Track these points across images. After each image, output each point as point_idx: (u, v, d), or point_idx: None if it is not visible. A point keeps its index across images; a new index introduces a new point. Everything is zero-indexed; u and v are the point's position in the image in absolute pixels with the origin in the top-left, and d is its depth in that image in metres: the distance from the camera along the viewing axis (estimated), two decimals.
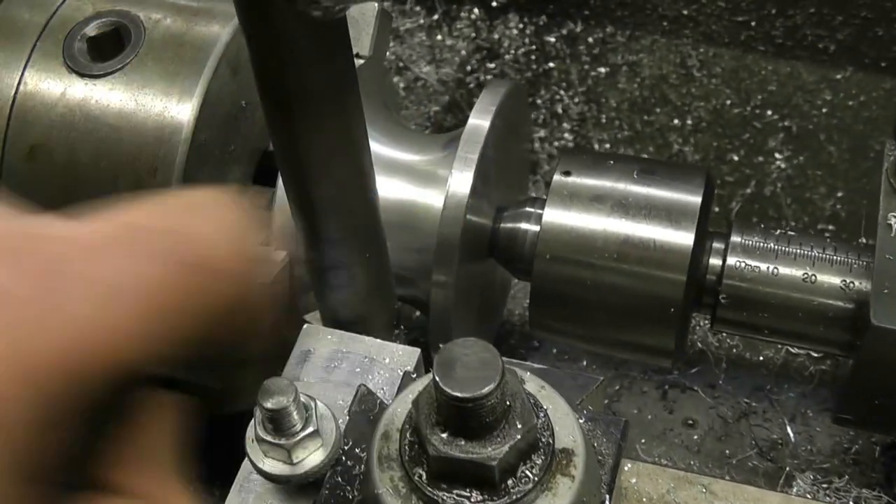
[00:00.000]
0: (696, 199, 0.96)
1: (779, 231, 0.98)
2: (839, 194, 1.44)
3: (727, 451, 1.18)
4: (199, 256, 0.47)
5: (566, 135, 1.52)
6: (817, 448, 1.17)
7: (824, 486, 1.08)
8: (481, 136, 0.95)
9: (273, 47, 0.68)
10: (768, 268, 0.95)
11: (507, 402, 0.68)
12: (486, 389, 0.66)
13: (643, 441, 1.18)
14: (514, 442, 0.68)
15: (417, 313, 1.21)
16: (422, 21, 1.63)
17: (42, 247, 0.44)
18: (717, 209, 1.37)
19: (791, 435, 1.17)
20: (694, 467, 1.16)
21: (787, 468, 1.13)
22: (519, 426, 0.69)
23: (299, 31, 0.67)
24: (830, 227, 1.41)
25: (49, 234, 0.45)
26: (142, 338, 0.45)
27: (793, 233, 0.98)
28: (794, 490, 1.08)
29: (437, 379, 0.66)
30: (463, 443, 0.68)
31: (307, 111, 0.71)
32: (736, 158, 1.48)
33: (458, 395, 0.65)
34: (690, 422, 1.21)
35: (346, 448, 0.79)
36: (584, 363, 1.24)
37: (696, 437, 1.19)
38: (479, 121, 0.97)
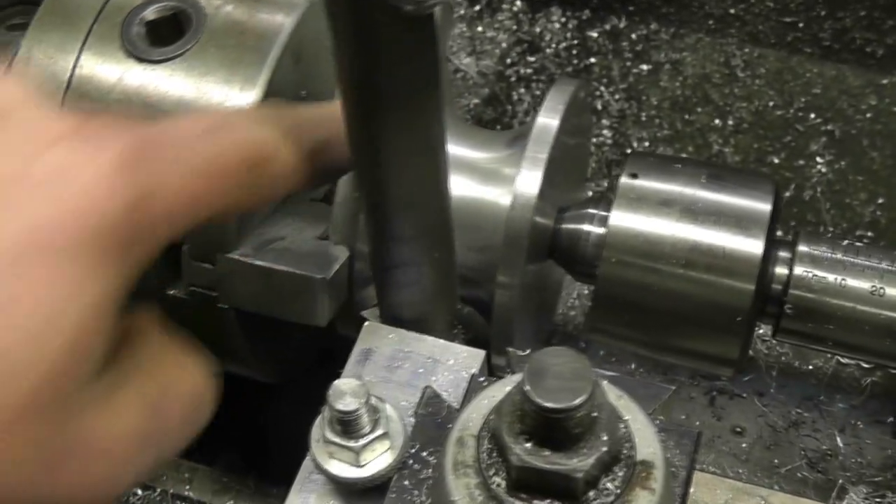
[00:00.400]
0: (766, 207, 0.94)
1: (846, 241, 0.96)
2: (880, 201, 1.42)
3: (776, 461, 1.16)
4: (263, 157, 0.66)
5: (605, 132, 1.50)
6: (868, 461, 1.15)
7: (877, 499, 1.07)
8: (551, 136, 0.93)
9: (362, 43, 0.66)
10: (835, 279, 0.94)
11: (595, 414, 0.67)
12: (577, 401, 0.64)
13: None
14: (600, 454, 0.67)
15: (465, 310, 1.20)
16: (463, 12, 1.61)
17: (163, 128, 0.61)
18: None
19: (841, 446, 1.16)
20: (742, 476, 1.15)
21: (840, 480, 1.11)
22: (604, 438, 0.67)
23: (390, 27, 0.65)
24: (869, 234, 1.39)
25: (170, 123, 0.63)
26: (214, 197, 0.62)
27: (860, 244, 0.96)
28: (846, 503, 1.06)
29: (528, 388, 0.64)
30: (547, 453, 0.66)
31: (393, 109, 0.70)
32: (776, 161, 1.47)
33: (550, 405, 0.64)
34: (738, 429, 1.19)
35: (413, 451, 0.78)
36: (632, 366, 1.23)
37: (744, 445, 1.18)
38: (549, 120, 0.95)
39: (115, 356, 0.57)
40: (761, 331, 1.18)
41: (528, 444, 0.67)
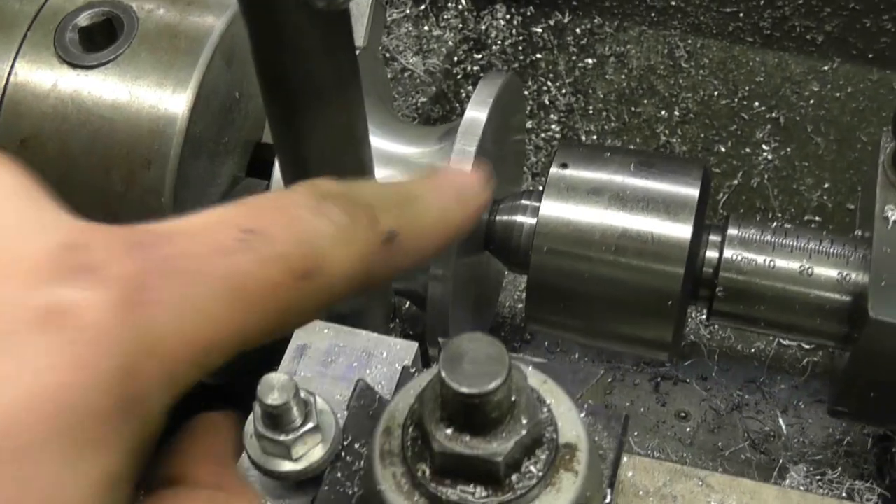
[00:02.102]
0: (693, 192, 0.95)
1: (775, 223, 0.98)
2: (826, 185, 1.44)
3: (720, 444, 1.18)
4: (309, 263, 0.51)
5: (553, 126, 1.52)
6: (810, 440, 1.17)
7: (817, 477, 1.08)
8: (479, 129, 0.94)
9: (276, 40, 0.67)
10: (765, 260, 0.95)
11: (513, 398, 0.68)
12: (493, 385, 0.65)
13: (636, 433, 1.18)
14: (520, 437, 0.67)
15: (406, 305, 1.21)
16: (408, 11, 1.62)
17: (175, 242, 0.47)
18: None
19: (783, 427, 1.17)
20: (687, 460, 1.16)
21: (781, 460, 1.13)
22: (524, 421, 0.68)
23: (304, 24, 0.66)
24: (817, 219, 1.41)
25: (176, 230, 0.48)
26: (241, 331, 0.48)
27: (789, 225, 0.98)
28: (788, 482, 1.08)
29: (444, 374, 0.65)
30: (468, 438, 0.67)
31: (310, 105, 0.71)
32: (723, 149, 1.48)
33: (465, 390, 0.65)
34: (683, 414, 1.21)
35: (345, 443, 0.79)
36: (577, 355, 1.24)
37: (688, 429, 1.19)
38: (477, 113, 0.96)
39: None
40: (703, 316, 1.19)
41: (449, 431, 0.67)
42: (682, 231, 0.94)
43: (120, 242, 0.45)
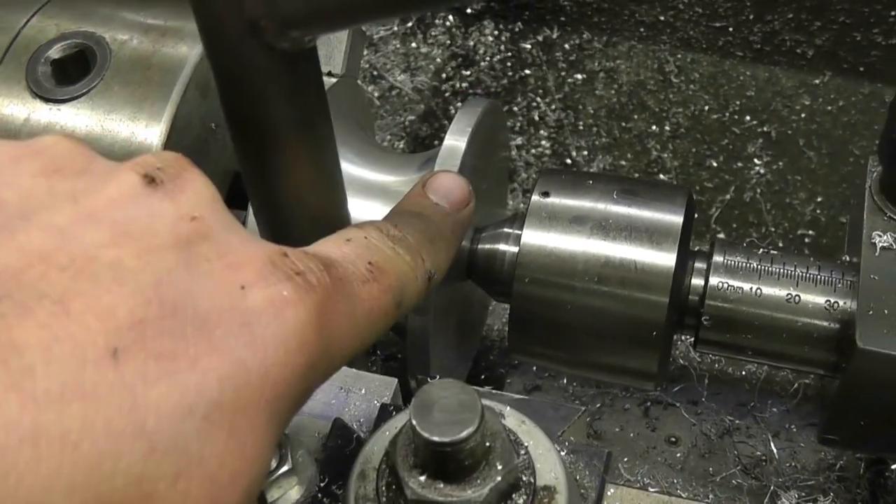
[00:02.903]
0: (677, 220, 0.94)
1: (761, 250, 0.96)
2: (819, 199, 1.43)
3: (711, 469, 1.16)
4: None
5: (543, 142, 1.50)
6: (801, 465, 1.15)
7: (810, 503, 1.06)
8: (457, 158, 0.93)
9: (241, 82, 0.65)
10: (751, 288, 0.94)
11: (487, 444, 0.67)
12: (464, 433, 0.64)
13: (626, 460, 1.17)
14: (495, 483, 0.66)
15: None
16: (396, 28, 1.61)
17: (338, 267, 0.56)
18: (696, 215, 1.36)
19: (775, 451, 1.16)
20: (678, 486, 1.14)
21: (772, 486, 1.11)
22: (499, 467, 0.67)
23: (268, 65, 0.64)
24: (810, 233, 1.40)
25: (330, 257, 0.57)
26: (362, 346, 0.59)
27: (775, 252, 0.96)
28: None
29: (415, 423, 0.64)
30: (442, 485, 0.66)
31: (278, 146, 0.69)
32: (715, 164, 1.47)
33: (436, 439, 0.63)
34: (673, 439, 1.19)
35: (322, 485, 0.77)
36: (565, 381, 1.23)
37: (679, 454, 1.18)
38: (455, 142, 0.94)
39: None
40: (691, 339, 1.18)
41: (423, 478, 0.66)
42: (666, 259, 0.92)
43: (315, 259, 0.53)
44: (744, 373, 1.24)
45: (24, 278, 0.44)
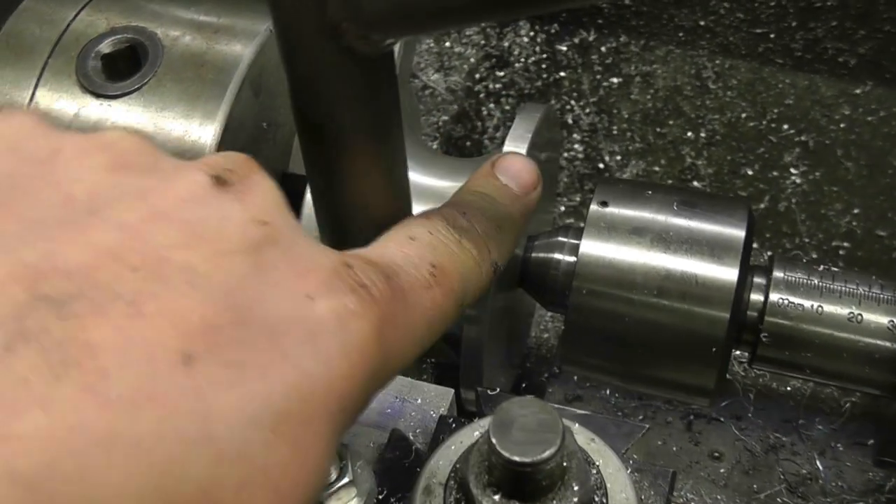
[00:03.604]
0: (739, 234, 0.92)
1: (822, 267, 0.94)
2: (855, 211, 1.41)
3: (755, 486, 1.14)
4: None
5: (576, 146, 1.49)
6: (848, 484, 1.13)
7: None
8: None
9: (317, 85, 0.63)
10: (812, 305, 0.92)
11: (564, 464, 0.65)
12: (546, 454, 0.62)
13: None
14: None
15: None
16: None
17: (400, 275, 0.57)
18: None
19: (821, 470, 1.14)
20: (721, 502, 1.13)
21: None
22: (575, 488, 0.65)
23: (347, 68, 0.62)
24: (845, 244, 1.38)
25: (391, 263, 0.57)
26: (422, 351, 0.58)
27: (836, 269, 0.94)
28: None
29: (495, 441, 0.62)
30: None
31: (350, 150, 0.67)
32: (750, 173, 1.45)
33: (517, 459, 0.62)
34: (717, 454, 1.17)
35: (380, 497, 0.76)
36: (607, 392, 1.21)
37: (722, 470, 1.16)
38: (516, 148, 0.93)
39: None
40: (737, 352, 1.16)
41: (497, 497, 0.65)
42: (727, 274, 0.91)
43: (377, 271, 0.54)
44: (789, 388, 1.22)
45: (97, 277, 0.43)
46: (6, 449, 0.37)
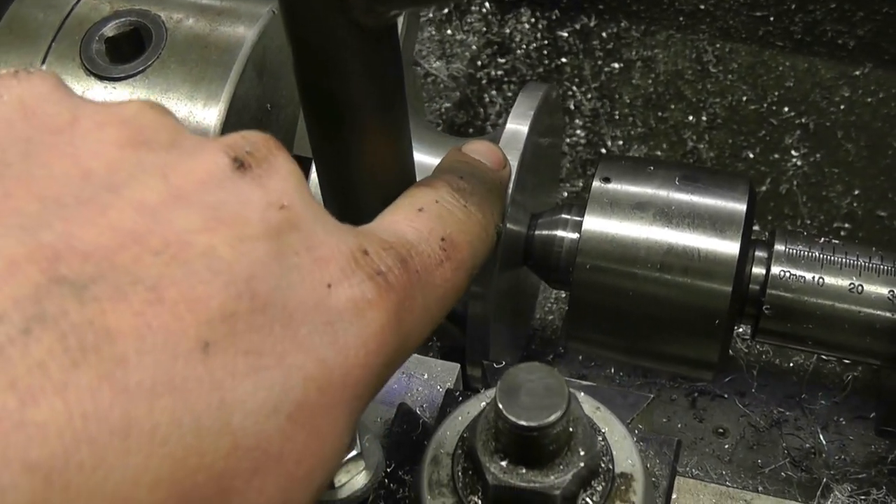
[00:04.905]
0: (741, 207, 0.92)
1: (823, 239, 0.95)
2: (856, 192, 1.41)
3: (759, 461, 1.15)
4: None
5: (578, 131, 1.49)
6: (851, 458, 1.14)
7: (862, 497, 1.05)
8: (520, 143, 0.92)
9: (323, 59, 0.64)
10: (813, 277, 0.92)
11: (571, 429, 0.66)
12: (552, 418, 0.63)
13: None
14: (577, 470, 0.65)
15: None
16: (431, 15, 1.60)
17: (414, 256, 0.57)
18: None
19: (824, 444, 1.15)
20: (726, 477, 1.13)
21: (824, 479, 1.10)
22: (581, 453, 0.66)
23: (353, 42, 0.63)
24: (846, 226, 1.39)
25: (404, 240, 0.58)
26: (434, 327, 0.60)
27: (837, 241, 0.95)
28: (831, 502, 1.05)
29: (501, 406, 0.63)
30: (524, 471, 0.65)
31: (356, 125, 0.68)
32: (751, 156, 1.46)
33: (524, 423, 0.63)
34: (721, 430, 1.18)
35: (388, 470, 0.77)
36: (612, 370, 1.21)
37: (727, 446, 1.17)
38: (518, 126, 0.93)
39: None
40: (741, 329, 1.17)
41: (504, 463, 0.66)
42: (729, 248, 0.91)
43: (393, 254, 0.55)
44: (792, 364, 1.22)
45: (117, 260, 0.43)
46: (21, 436, 0.37)
